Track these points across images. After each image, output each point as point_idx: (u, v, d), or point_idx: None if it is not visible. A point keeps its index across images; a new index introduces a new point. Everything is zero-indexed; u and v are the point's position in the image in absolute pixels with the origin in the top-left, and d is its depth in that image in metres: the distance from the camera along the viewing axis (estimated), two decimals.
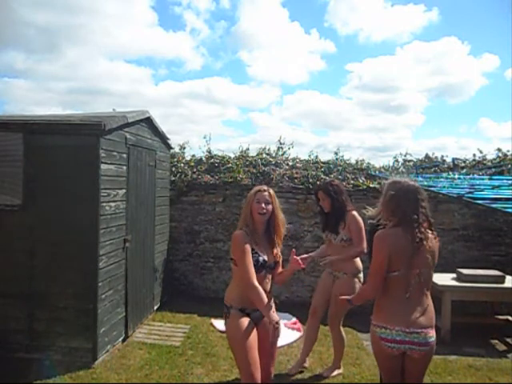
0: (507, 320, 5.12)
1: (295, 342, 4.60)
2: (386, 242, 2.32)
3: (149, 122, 5.03)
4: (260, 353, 2.56)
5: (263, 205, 2.56)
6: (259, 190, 2.62)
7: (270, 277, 2.66)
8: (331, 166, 6.71)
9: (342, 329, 3.76)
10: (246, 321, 2.54)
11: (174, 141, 6.38)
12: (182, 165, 6.64)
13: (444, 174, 6.40)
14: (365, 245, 3.51)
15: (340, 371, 3.80)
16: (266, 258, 2.59)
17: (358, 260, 3.68)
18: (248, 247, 2.51)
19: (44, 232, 3.85)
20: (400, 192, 2.36)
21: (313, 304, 3.87)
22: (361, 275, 3.66)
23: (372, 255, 2.37)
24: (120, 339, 4.33)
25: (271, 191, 2.64)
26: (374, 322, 2.38)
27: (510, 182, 5.20)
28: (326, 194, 3.67)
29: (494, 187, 4.83)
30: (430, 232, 2.41)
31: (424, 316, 2.32)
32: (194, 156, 7.08)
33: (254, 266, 2.51)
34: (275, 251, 2.66)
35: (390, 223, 2.39)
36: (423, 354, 2.31)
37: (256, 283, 2.48)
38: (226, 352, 4.15)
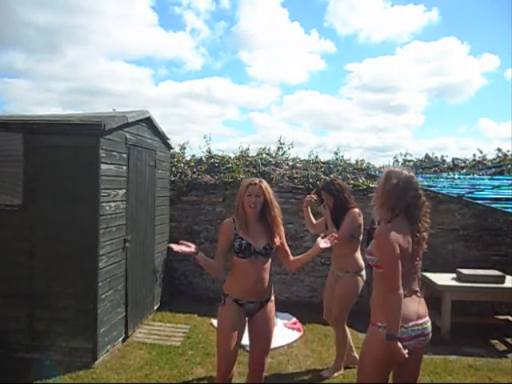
0: (507, 320, 5.12)
1: (295, 341, 4.60)
2: (395, 239, 2.14)
3: (149, 122, 5.03)
4: (252, 343, 2.74)
5: (253, 198, 2.63)
6: (250, 184, 2.68)
7: (265, 263, 2.67)
8: (331, 165, 6.71)
9: (346, 328, 3.77)
10: (236, 312, 2.66)
11: (174, 141, 6.39)
12: (182, 165, 6.64)
13: (444, 174, 6.40)
14: (344, 235, 3.53)
15: (341, 372, 3.79)
16: (252, 242, 2.62)
17: (360, 258, 3.69)
18: (226, 232, 2.66)
19: (44, 232, 3.85)
20: (401, 182, 2.24)
21: (324, 308, 3.87)
22: (363, 273, 3.68)
23: (388, 260, 2.13)
24: (120, 339, 4.33)
25: (263, 184, 2.68)
26: (381, 323, 2.16)
27: (510, 182, 5.20)
28: (329, 193, 3.71)
29: (494, 187, 4.83)
30: None
31: (423, 304, 2.28)
32: (194, 156, 7.08)
33: (238, 249, 2.61)
34: (270, 239, 2.67)
35: (386, 216, 2.25)
36: (425, 344, 2.24)
37: (217, 259, 2.66)
38: None
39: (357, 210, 3.67)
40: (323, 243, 2.60)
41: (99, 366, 3.79)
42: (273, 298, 2.79)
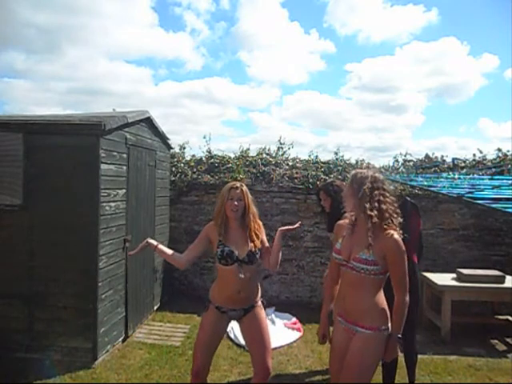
0: (507, 320, 5.12)
1: (295, 341, 4.60)
2: None
3: (149, 122, 5.03)
4: (251, 348, 2.71)
5: (236, 202, 2.63)
6: (232, 188, 2.68)
7: (250, 271, 2.62)
8: (331, 166, 6.70)
9: None
10: (217, 319, 2.67)
11: (174, 141, 6.38)
12: (182, 165, 6.64)
13: (444, 174, 6.39)
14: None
15: None
16: (234, 250, 2.60)
17: None
18: (208, 231, 2.68)
19: (44, 232, 3.85)
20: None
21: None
22: None
23: (404, 265, 2.18)
24: (120, 339, 4.33)
25: (244, 188, 2.70)
26: (384, 326, 2.21)
27: (510, 181, 5.20)
28: (327, 194, 3.69)
29: (494, 187, 4.83)
30: None
31: None
32: (194, 156, 7.06)
33: (220, 256, 2.60)
34: (251, 245, 2.64)
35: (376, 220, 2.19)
36: None
37: (187, 251, 2.70)
38: (226, 352, 4.15)
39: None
40: (282, 227, 2.72)
41: (99, 365, 3.79)
42: (259, 303, 2.72)
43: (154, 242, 2.69)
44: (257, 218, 2.73)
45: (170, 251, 2.70)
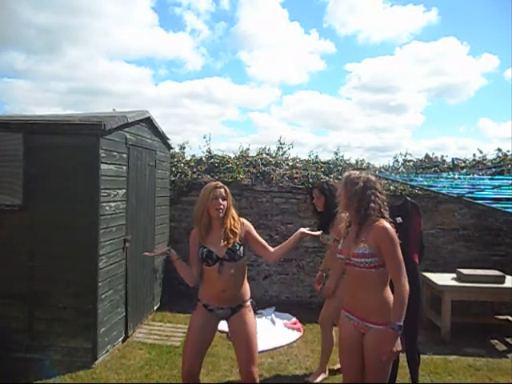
0: (507, 320, 5.12)
1: (295, 341, 4.60)
2: None
3: (149, 122, 5.03)
4: (236, 353, 2.69)
5: (220, 200, 2.61)
6: (215, 187, 2.65)
7: (234, 269, 2.58)
8: (331, 166, 6.70)
9: (333, 331, 3.69)
10: (205, 317, 2.66)
11: (174, 141, 6.38)
12: (182, 165, 6.63)
13: (444, 174, 6.39)
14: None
15: (325, 376, 3.70)
16: (214, 249, 2.58)
17: None
18: (193, 241, 2.68)
19: (44, 232, 3.85)
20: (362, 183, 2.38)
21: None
22: None
23: (398, 252, 2.23)
24: (120, 339, 4.33)
25: (226, 188, 2.70)
26: (387, 319, 2.22)
27: (510, 181, 5.20)
28: (321, 193, 3.68)
29: (494, 187, 4.82)
30: None
31: None
32: (194, 156, 7.06)
33: (201, 258, 2.62)
34: (227, 243, 2.59)
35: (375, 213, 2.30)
36: None
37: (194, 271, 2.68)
38: (226, 352, 4.15)
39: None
40: (305, 229, 2.75)
41: (99, 365, 3.79)
42: (248, 303, 2.69)
43: (175, 254, 2.67)
44: (235, 216, 2.69)
45: (186, 267, 2.67)
